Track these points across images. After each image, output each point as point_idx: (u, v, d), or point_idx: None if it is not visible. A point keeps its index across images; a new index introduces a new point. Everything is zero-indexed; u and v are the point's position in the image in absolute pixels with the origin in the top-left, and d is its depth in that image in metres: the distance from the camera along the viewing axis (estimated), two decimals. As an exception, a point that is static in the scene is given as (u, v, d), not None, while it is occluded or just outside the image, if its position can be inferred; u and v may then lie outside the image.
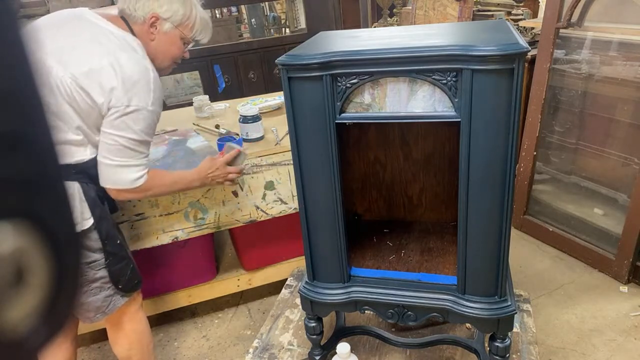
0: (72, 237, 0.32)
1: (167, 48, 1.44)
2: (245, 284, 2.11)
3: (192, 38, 1.48)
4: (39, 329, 0.29)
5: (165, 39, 1.42)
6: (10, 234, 0.27)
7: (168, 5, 1.39)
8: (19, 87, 0.27)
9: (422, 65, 1.04)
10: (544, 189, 2.64)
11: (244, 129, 1.91)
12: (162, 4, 1.39)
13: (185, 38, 1.46)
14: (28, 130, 0.28)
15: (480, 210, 1.12)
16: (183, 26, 1.43)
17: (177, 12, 1.40)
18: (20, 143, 0.27)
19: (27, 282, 0.28)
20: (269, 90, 3.29)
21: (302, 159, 1.20)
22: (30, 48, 0.28)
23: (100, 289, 1.39)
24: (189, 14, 1.43)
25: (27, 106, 0.28)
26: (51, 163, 0.30)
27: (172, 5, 1.40)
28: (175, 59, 1.49)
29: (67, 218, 0.32)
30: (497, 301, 1.21)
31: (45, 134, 0.29)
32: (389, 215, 1.64)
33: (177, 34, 1.43)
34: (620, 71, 2.17)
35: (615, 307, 2.03)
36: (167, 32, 1.42)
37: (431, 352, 1.56)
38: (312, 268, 1.34)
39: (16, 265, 0.27)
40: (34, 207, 0.28)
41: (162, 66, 1.47)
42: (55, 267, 0.30)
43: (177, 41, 1.45)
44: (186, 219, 1.78)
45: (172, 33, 1.42)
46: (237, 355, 1.94)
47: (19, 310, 0.28)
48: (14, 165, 0.27)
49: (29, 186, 0.28)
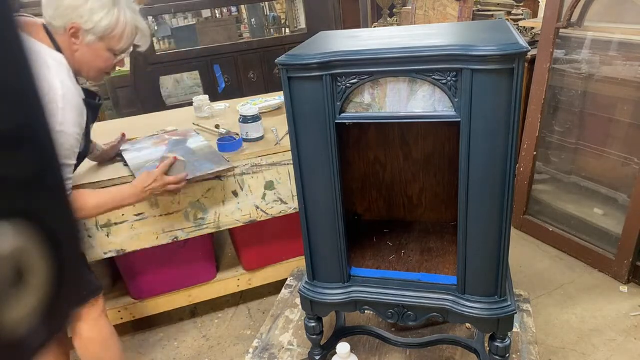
0: (72, 237, 0.32)
1: (92, 60, 1.33)
2: (245, 284, 2.11)
3: (122, 49, 1.37)
4: (39, 329, 0.29)
5: (88, 51, 1.31)
6: (10, 234, 0.27)
7: (88, 15, 1.27)
8: (18, 86, 0.27)
9: (422, 65, 1.04)
10: (544, 189, 2.64)
11: (244, 129, 1.91)
12: (82, 14, 1.26)
13: (113, 49, 1.35)
14: (28, 129, 0.28)
15: (480, 210, 1.12)
16: (108, 38, 1.32)
17: (100, 23, 1.28)
18: (20, 143, 0.27)
19: (27, 282, 0.28)
20: (269, 90, 3.29)
21: (302, 159, 1.20)
22: (29, 48, 0.28)
23: None
24: (115, 24, 1.31)
25: (27, 105, 0.28)
26: (51, 163, 0.30)
27: (93, 16, 1.27)
28: (104, 70, 1.38)
29: (67, 218, 0.32)
30: (497, 301, 1.21)
31: (45, 133, 0.29)
32: (389, 215, 1.64)
33: (102, 46, 1.32)
34: (620, 71, 2.17)
35: (615, 307, 2.03)
36: (90, 44, 1.30)
37: (431, 352, 1.56)
38: (312, 268, 1.34)
39: (16, 265, 0.27)
40: (34, 207, 0.28)
41: (90, 77, 1.39)
42: (55, 267, 0.30)
43: (103, 53, 1.34)
44: (186, 219, 1.78)
45: (97, 45, 1.31)
46: (237, 355, 1.94)
47: (19, 310, 0.28)
48: (14, 165, 0.27)
49: (29, 186, 0.28)
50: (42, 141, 0.29)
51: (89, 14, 1.27)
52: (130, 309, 1.98)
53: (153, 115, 2.59)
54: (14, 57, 0.27)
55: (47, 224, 0.29)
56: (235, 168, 1.78)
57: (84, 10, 1.27)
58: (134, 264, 1.91)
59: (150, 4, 3.16)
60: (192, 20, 5.10)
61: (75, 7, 1.26)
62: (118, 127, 2.20)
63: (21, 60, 0.27)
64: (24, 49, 0.28)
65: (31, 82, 0.28)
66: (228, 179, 1.79)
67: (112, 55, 1.37)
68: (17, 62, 0.27)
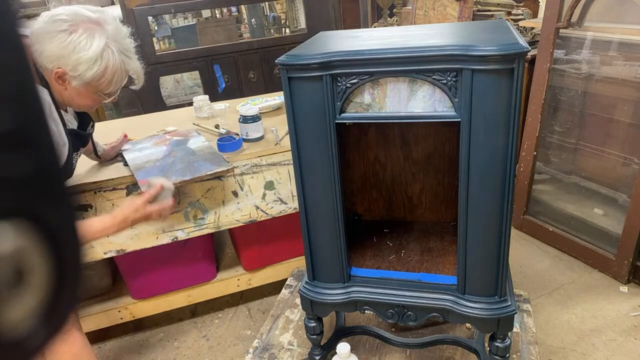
0: (72, 237, 0.32)
1: (80, 100, 1.31)
2: (245, 284, 2.11)
3: (112, 92, 1.35)
4: (39, 329, 0.29)
5: (76, 93, 1.29)
6: (10, 234, 0.27)
7: (74, 64, 1.23)
8: (18, 87, 0.27)
9: (422, 65, 1.04)
10: (544, 189, 2.64)
11: (243, 129, 1.91)
12: (67, 62, 1.23)
13: (102, 92, 1.32)
14: (28, 130, 0.28)
15: (480, 210, 1.12)
16: (96, 83, 1.29)
17: (86, 72, 1.25)
18: (20, 143, 0.27)
19: (27, 282, 0.28)
20: (269, 90, 3.29)
21: (302, 159, 1.20)
22: (29, 48, 0.28)
23: None
24: (102, 72, 1.27)
25: (27, 106, 0.28)
26: (51, 163, 0.30)
27: (78, 66, 1.24)
28: (93, 107, 1.36)
29: (67, 218, 0.32)
30: (497, 301, 1.21)
31: (45, 133, 0.29)
32: (389, 215, 1.64)
33: (89, 90, 1.30)
34: (620, 71, 2.17)
35: (615, 307, 2.03)
36: (77, 88, 1.28)
37: (431, 352, 1.56)
38: (312, 268, 1.34)
39: (16, 265, 0.27)
40: (34, 207, 0.28)
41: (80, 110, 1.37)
42: (55, 267, 0.30)
43: (92, 95, 1.31)
44: (186, 219, 1.78)
45: (83, 89, 1.28)
46: (237, 355, 1.94)
47: (19, 310, 0.28)
48: (14, 165, 0.27)
49: (29, 186, 0.28)
50: (42, 141, 0.29)
51: (75, 63, 1.24)
52: (130, 309, 1.98)
53: (153, 115, 2.59)
54: (13, 58, 0.27)
55: (47, 224, 0.29)
56: (235, 168, 1.79)
57: (70, 59, 1.23)
58: (134, 264, 1.91)
59: (150, 4, 3.16)
60: (192, 20, 5.09)
61: (61, 55, 1.23)
62: (118, 127, 2.20)
63: (21, 60, 0.28)
64: (23, 50, 0.28)
65: (31, 82, 0.28)
66: (228, 179, 1.79)
67: (100, 96, 1.34)
68: (17, 62, 0.27)
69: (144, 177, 1.61)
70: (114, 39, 1.30)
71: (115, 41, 1.31)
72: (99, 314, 1.93)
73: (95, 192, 1.67)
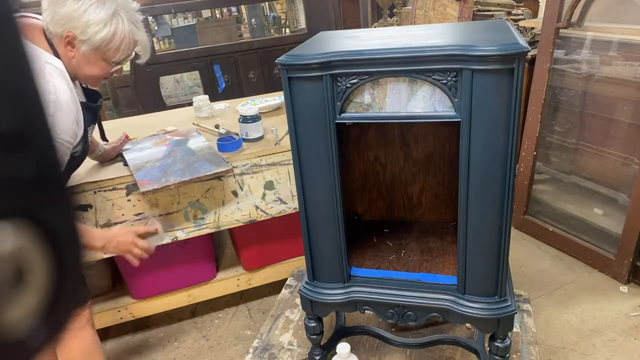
0: (72, 237, 0.32)
1: (87, 68, 1.32)
2: (245, 284, 2.11)
3: (119, 60, 1.36)
4: (39, 329, 0.29)
5: (84, 60, 1.30)
6: (10, 234, 0.27)
7: (83, 27, 1.25)
8: (18, 86, 0.27)
9: (422, 65, 1.04)
10: (544, 189, 2.64)
11: (243, 129, 1.91)
12: (77, 25, 1.25)
13: (109, 60, 1.33)
14: (28, 129, 0.28)
15: (480, 210, 1.12)
16: (104, 49, 1.30)
17: (95, 35, 1.27)
18: (21, 143, 0.27)
19: (27, 282, 0.28)
20: (269, 90, 3.29)
21: (302, 159, 1.20)
22: (29, 48, 0.28)
23: None
24: (111, 37, 1.29)
25: (27, 106, 0.28)
26: (51, 163, 0.30)
27: (87, 29, 1.26)
28: (100, 78, 1.37)
29: (67, 218, 0.32)
30: (497, 301, 1.21)
31: (45, 133, 0.29)
32: (389, 215, 1.64)
33: (97, 56, 1.31)
34: (620, 71, 2.17)
35: (615, 307, 2.03)
36: (85, 54, 1.29)
37: (431, 352, 1.56)
38: (312, 268, 1.34)
39: (16, 265, 0.27)
40: (34, 207, 0.28)
41: (86, 83, 1.39)
42: (55, 267, 0.30)
43: (99, 62, 1.32)
44: (186, 219, 1.78)
45: (92, 55, 1.30)
46: (237, 355, 1.94)
47: (19, 310, 0.28)
48: (14, 165, 0.27)
49: (29, 186, 0.28)
50: (43, 141, 0.29)
51: (84, 26, 1.25)
52: (130, 309, 1.98)
53: (153, 115, 2.60)
54: (14, 57, 0.27)
55: (47, 224, 0.29)
56: (235, 168, 1.79)
57: (79, 21, 1.25)
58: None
59: (150, 4, 3.16)
60: (192, 20, 5.09)
61: (71, 17, 1.25)
62: (118, 127, 2.20)
63: (21, 59, 0.27)
64: (24, 49, 0.28)
65: (31, 81, 0.28)
66: (228, 179, 1.79)
67: (108, 65, 1.35)
68: (17, 61, 0.27)
69: (143, 178, 1.61)
70: (123, 8, 1.33)
71: (125, 10, 1.33)
72: (99, 314, 1.93)
73: (95, 192, 1.67)
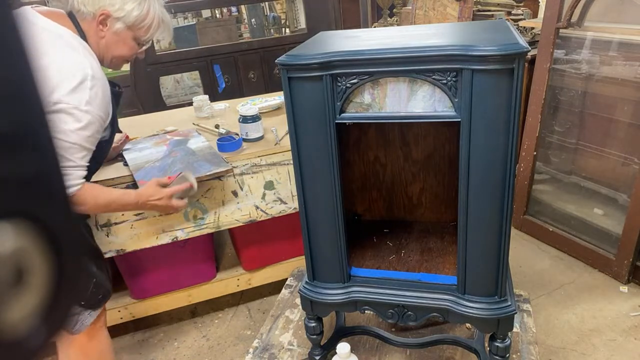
0: (72, 237, 0.32)
1: (117, 47, 1.35)
2: (245, 284, 2.11)
3: (147, 40, 1.40)
4: (39, 329, 0.29)
5: (115, 39, 1.33)
6: (10, 234, 0.27)
7: (120, 3, 1.29)
8: (19, 87, 0.27)
9: (422, 65, 1.04)
10: (544, 189, 2.64)
11: (243, 129, 1.91)
12: (114, 2, 1.29)
13: (139, 39, 1.37)
14: (28, 130, 0.28)
15: (480, 210, 1.12)
16: (137, 27, 1.34)
17: (131, 12, 1.31)
18: (21, 143, 0.27)
19: (27, 282, 0.28)
20: (269, 90, 3.29)
21: (302, 159, 1.20)
22: (29, 48, 0.28)
23: None
24: (145, 15, 1.34)
25: (27, 106, 0.28)
26: (51, 163, 0.30)
27: (125, 5, 1.30)
28: (126, 58, 1.41)
29: (67, 218, 0.32)
30: (497, 301, 1.21)
31: (45, 133, 0.29)
32: (389, 215, 1.64)
33: (129, 35, 1.35)
34: (620, 71, 2.17)
35: (615, 307, 2.03)
36: (117, 32, 1.32)
37: (431, 352, 1.56)
38: (312, 268, 1.34)
39: (16, 265, 0.27)
40: (34, 207, 0.28)
41: (110, 65, 1.40)
42: (55, 267, 0.30)
43: (129, 42, 1.36)
44: (186, 219, 1.78)
45: (124, 33, 1.33)
46: (237, 355, 1.94)
47: (19, 310, 0.28)
48: (14, 165, 0.27)
49: (29, 186, 0.28)
50: (43, 141, 0.29)
51: (121, 3, 1.29)
52: (130, 309, 1.98)
53: (153, 115, 2.59)
54: (14, 58, 0.27)
55: (47, 224, 0.29)
56: (235, 168, 1.79)
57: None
58: (133, 263, 1.91)
59: (150, 4, 3.16)
60: (192, 20, 5.09)
61: None
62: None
63: (21, 60, 0.27)
64: (24, 49, 0.28)
65: (32, 82, 0.28)
66: (228, 179, 1.79)
67: (136, 45, 1.39)
68: (18, 62, 0.27)
69: (143, 177, 1.61)
70: None
71: None
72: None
73: (95, 192, 1.67)
